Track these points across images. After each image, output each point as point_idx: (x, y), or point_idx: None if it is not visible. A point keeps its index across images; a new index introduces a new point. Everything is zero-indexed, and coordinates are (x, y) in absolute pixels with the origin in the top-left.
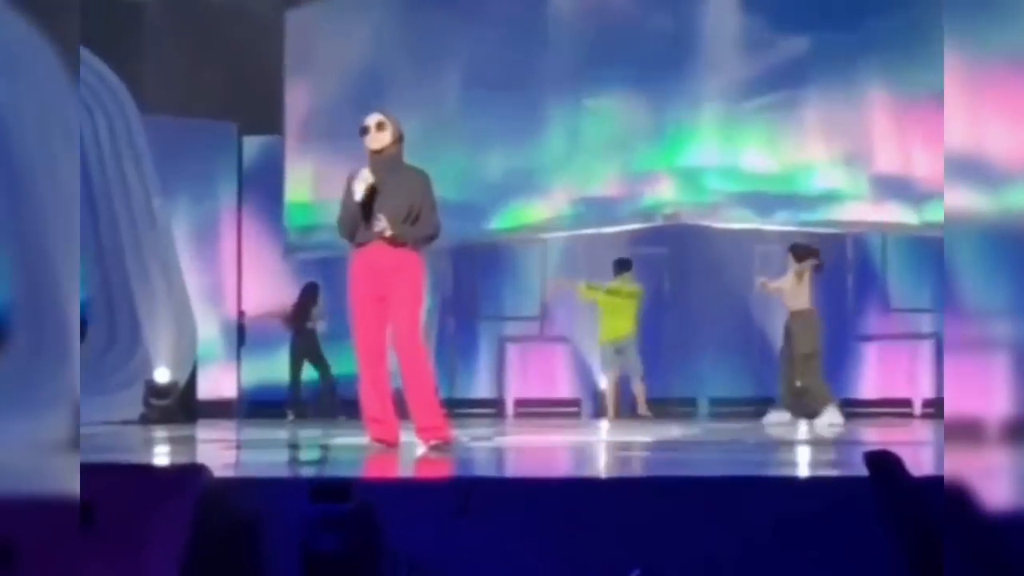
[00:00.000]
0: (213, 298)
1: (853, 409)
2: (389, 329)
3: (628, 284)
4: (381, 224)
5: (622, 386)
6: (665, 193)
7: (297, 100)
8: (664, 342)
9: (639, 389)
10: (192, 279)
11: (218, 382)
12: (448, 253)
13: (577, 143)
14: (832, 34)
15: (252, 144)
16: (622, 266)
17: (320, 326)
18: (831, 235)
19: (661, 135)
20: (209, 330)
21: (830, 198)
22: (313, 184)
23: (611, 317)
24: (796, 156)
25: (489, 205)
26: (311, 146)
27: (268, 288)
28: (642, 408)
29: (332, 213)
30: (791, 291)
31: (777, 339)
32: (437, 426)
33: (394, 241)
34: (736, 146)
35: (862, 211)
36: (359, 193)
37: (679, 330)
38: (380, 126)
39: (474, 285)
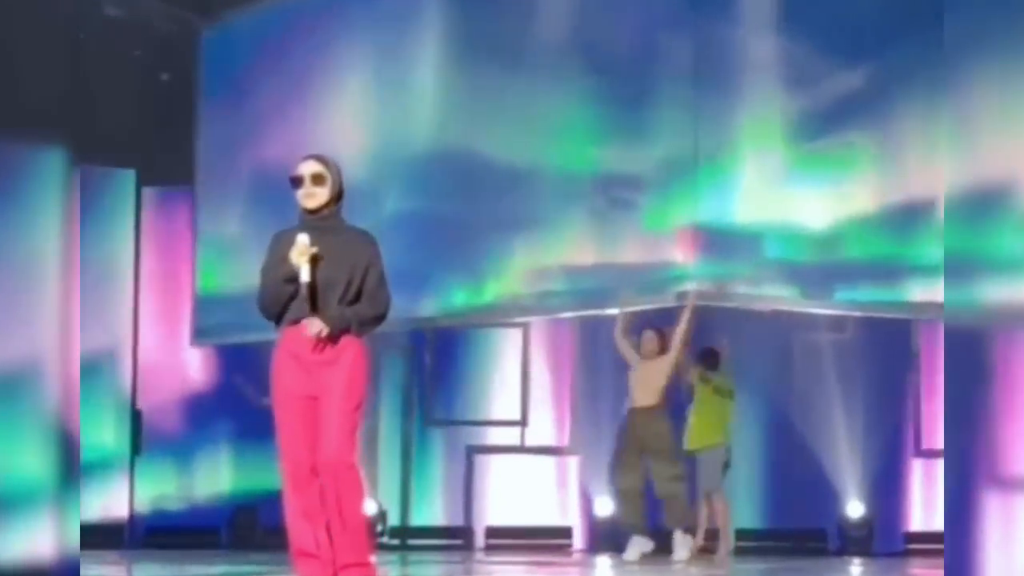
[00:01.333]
0: (104, 390)
1: (914, 545)
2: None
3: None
4: (315, 327)
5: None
6: (681, 262)
7: (211, 141)
8: None
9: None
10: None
11: (108, 500)
12: (401, 338)
13: (568, 197)
14: (900, 59)
15: (153, 196)
16: (713, 359)
17: None
18: (894, 320)
19: (677, 187)
20: (98, 432)
21: (896, 270)
22: (230, 247)
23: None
24: (854, 214)
25: (455, 276)
26: (228, 198)
27: (171, 379)
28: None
29: (252, 283)
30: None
31: (824, 457)
32: (362, 563)
33: (331, 334)
34: (777, 201)
35: (936, 288)
36: (304, 272)
37: None
38: (317, 179)
39: (436, 380)
